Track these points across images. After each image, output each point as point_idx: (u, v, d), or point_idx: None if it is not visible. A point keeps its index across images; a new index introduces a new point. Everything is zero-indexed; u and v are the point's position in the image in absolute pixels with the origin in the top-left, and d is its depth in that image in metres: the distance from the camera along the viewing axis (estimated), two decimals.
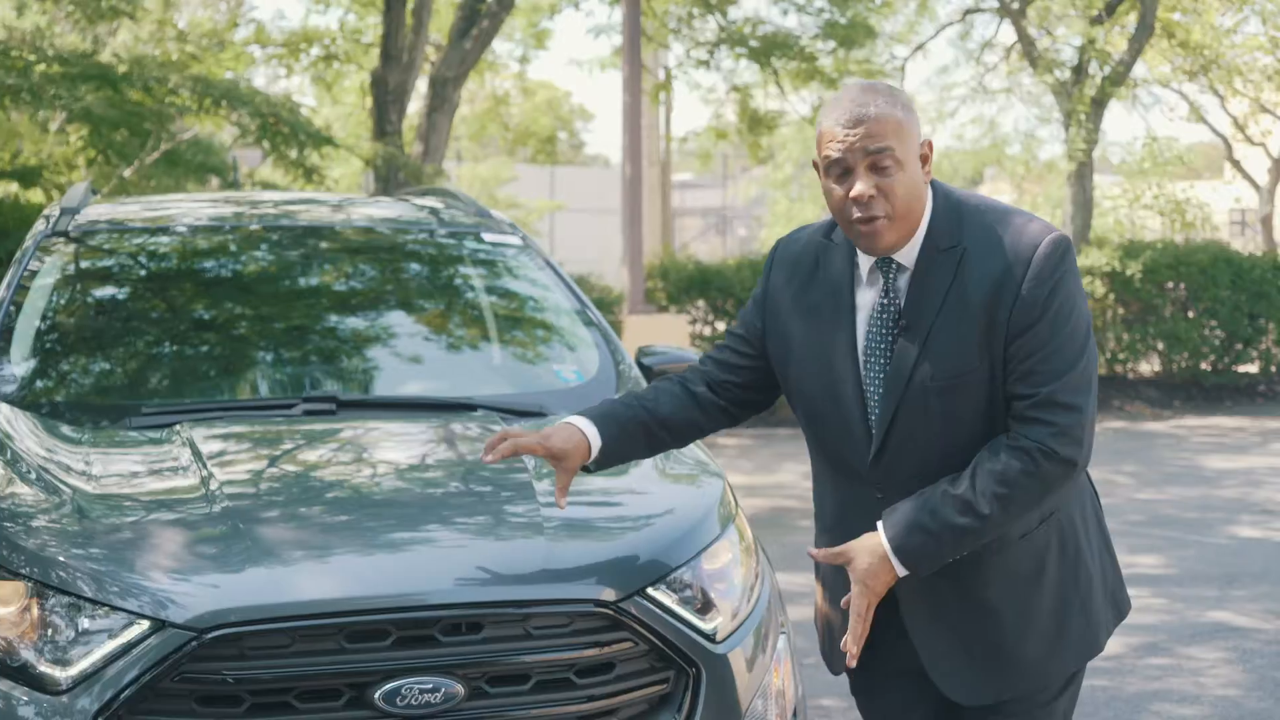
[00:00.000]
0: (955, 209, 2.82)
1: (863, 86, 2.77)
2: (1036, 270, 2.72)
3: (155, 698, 2.93)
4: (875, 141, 2.69)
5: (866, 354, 2.84)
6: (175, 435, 3.71)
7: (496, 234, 4.96)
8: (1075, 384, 2.73)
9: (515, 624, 3.07)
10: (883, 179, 2.71)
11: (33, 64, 10.08)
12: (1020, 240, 2.75)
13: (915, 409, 2.78)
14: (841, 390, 2.85)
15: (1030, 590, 2.87)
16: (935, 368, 2.76)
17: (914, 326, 2.78)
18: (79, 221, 4.76)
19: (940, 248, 2.78)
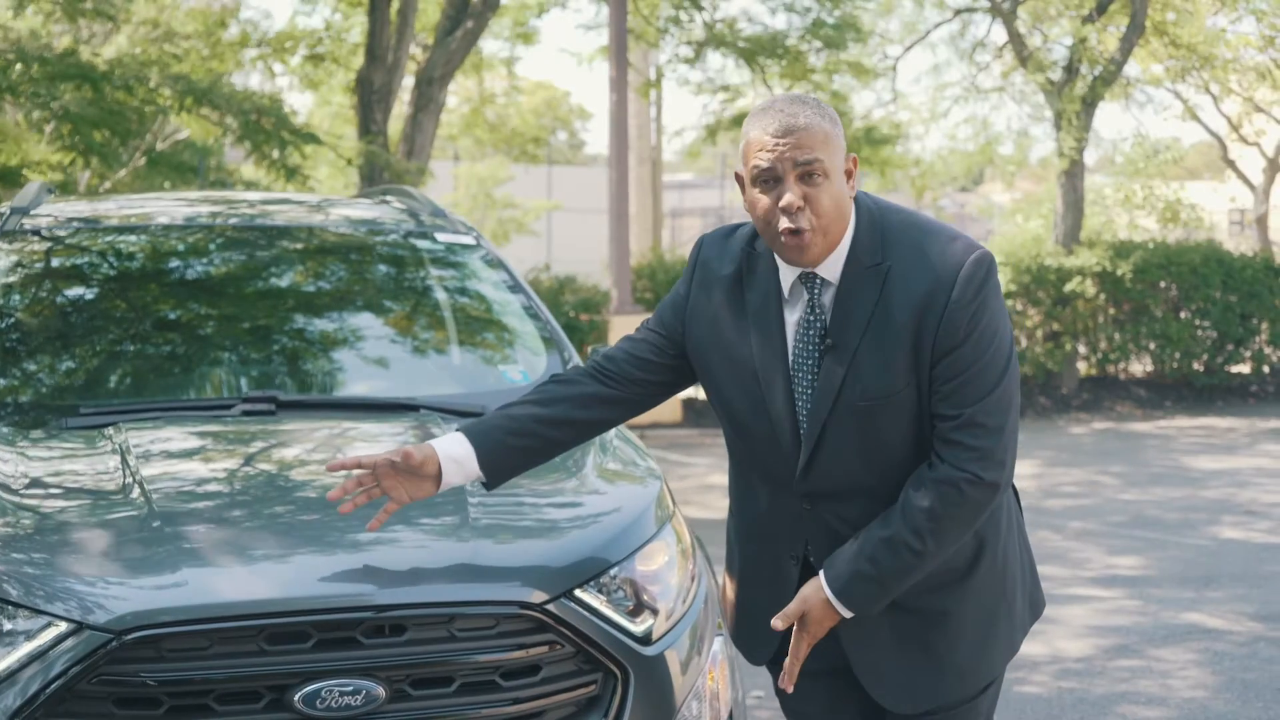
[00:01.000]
0: (879, 225, 2.80)
1: (791, 98, 2.77)
2: (960, 291, 2.72)
3: (73, 699, 2.90)
4: (805, 152, 2.69)
5: (794, 370, 2.82)
6: (107, 436, 3.69)
7: (450, 234, 4.93)
8: (997, 405, 2.74)
9: (439, 626, 3.04)
10: (810, 189, 2.70)
11: (12, 63, 10.06)
12: (945, 260, 2.74)
13: (843, 426, 2.78)
14: (772, 403, 2.84)
15: (959, 594, 2.88)
16: (863, 387, 2.76)
17: (840, 345, 2.77)
18: (30, 220, 4.73)
19: (865, 264, 2.77)
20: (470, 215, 31.28)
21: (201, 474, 3.58)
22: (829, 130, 2.72)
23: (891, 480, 2.79)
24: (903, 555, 2.73)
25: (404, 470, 2.94)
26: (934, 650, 2.87)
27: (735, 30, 15.34)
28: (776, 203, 2.70)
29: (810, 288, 2.80)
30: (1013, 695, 5.82)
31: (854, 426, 2.77)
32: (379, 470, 2.94)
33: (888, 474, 2.79)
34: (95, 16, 11.17)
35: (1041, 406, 16.05)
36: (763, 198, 2.72)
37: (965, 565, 2.87)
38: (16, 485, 3.45)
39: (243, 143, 11.15)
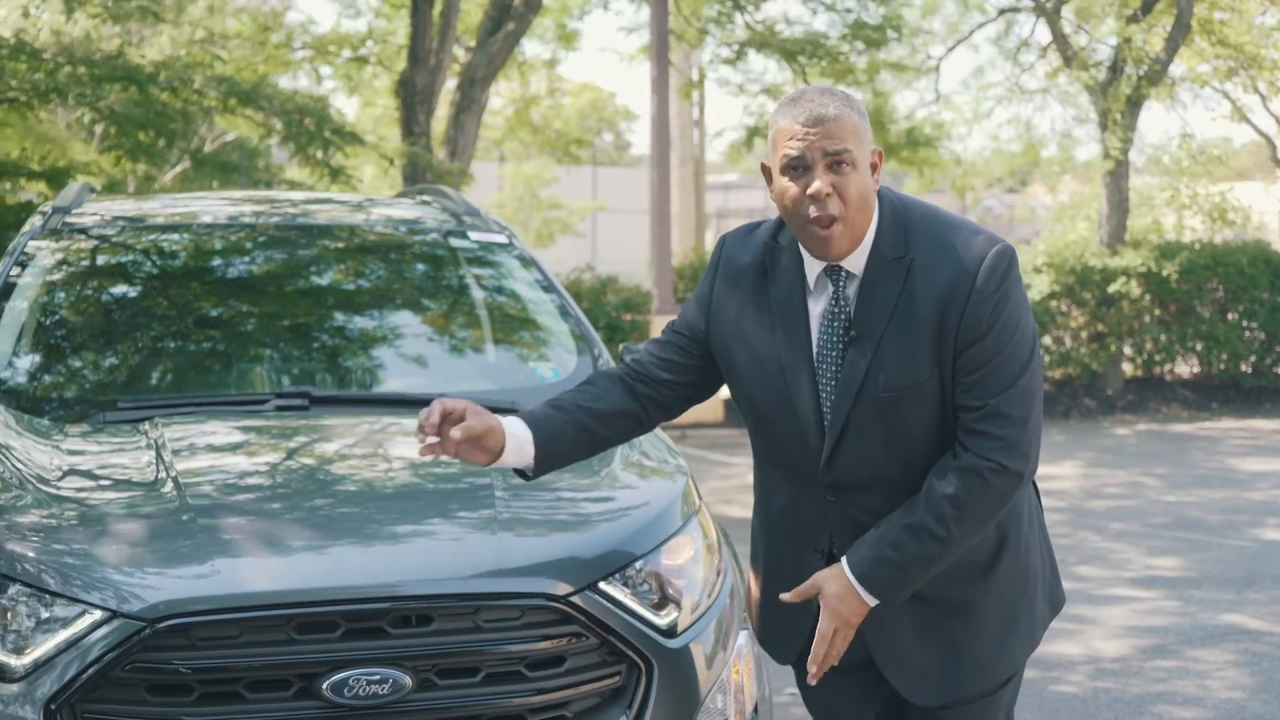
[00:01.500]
0: (902, 219, 2.83)
1: (821, 90, 2.80)
2: (983, 283, 2.74)
3: (107, 686, 2.97)
4: (834, 142, 2.71)
5: (818, 362, 2.85)
6: (144, 430, 3.76)
7: (483, 233, 4.99)
8: (1020, 396, 2.76)
9: (465, 617, 3.09)
10: (838, 178, 2.73)
11: (60, 65, 10.20)
12: (967, 252, 2.77)
13: (866, 417, 2.80)
14: (797, 395, 2.86)
15: (981, 587, 2.90)
16: (886, 378, 2.78)
17: (864, 336, 2.80)
18: (70, 220, 4.82)
19: (888, 257, 2.80)
20: (515, 216, 31.44)
21: (234, 467, 3.65)
22: (857, 122, 2.75)
23: (915, 471, 2.81)
24: (926, 542, 2.74)
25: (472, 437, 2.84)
26: (956, 642, 2.89)
27: (775, 31, 15.36)
28: (805, 191, 2.73)
29: (835, 280, 2.83)
30: (1048, 695, 5.82)
31: (877, 417, 2.79)
32: (448, 418, 2.81)
33: (911, 465, 2.81)
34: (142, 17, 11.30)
35: (1086, 408, 15.97)
36: (791, 186, 2.75)
37: (988, 558, 2.89)
38: (53, 477, 3.53)
39: (287, 143, 11.27)
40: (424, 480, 3.61)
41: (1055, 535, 9.16)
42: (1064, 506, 10.27)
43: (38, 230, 4.73)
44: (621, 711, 3.20)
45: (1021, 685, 5.79)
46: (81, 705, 2.96)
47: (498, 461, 2.87)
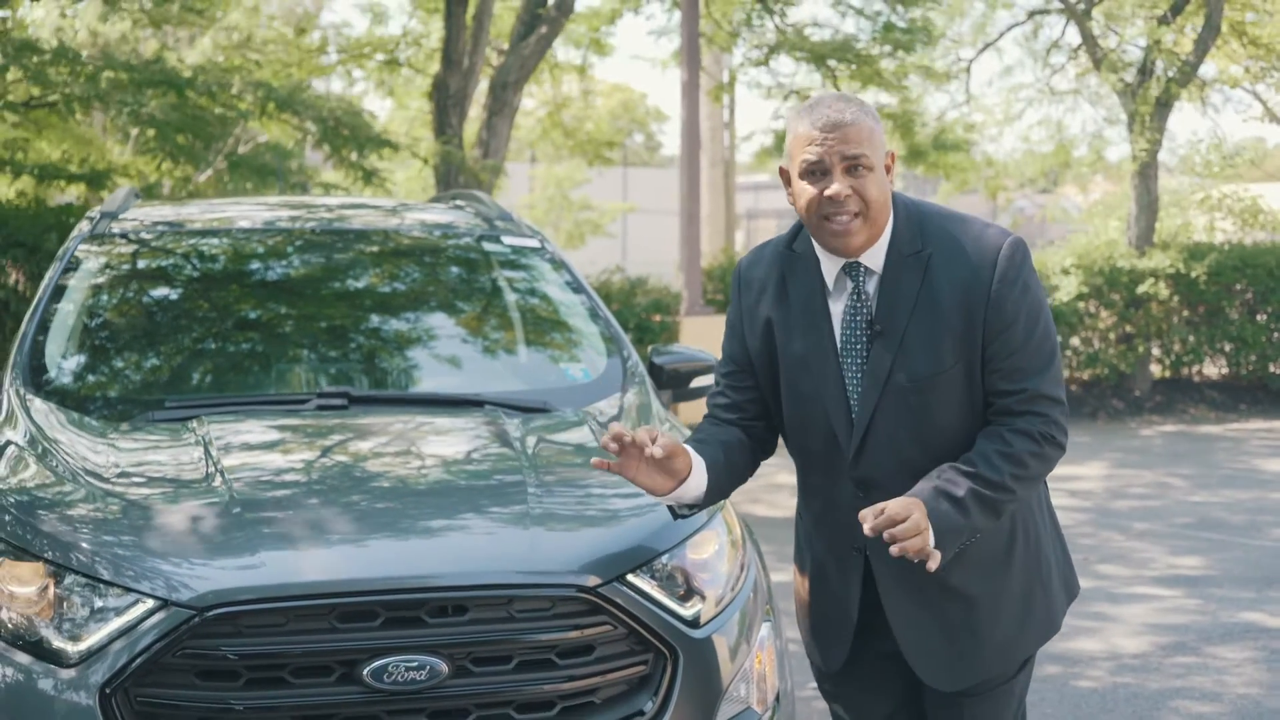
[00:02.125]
0: (916, 216, 2.97)
1: (837, 96, 2.94)
2: (1002, 273, 2.88)
3: (159, 671, 3.12)
4: (852, 147, 2.85)
5: (842, 358, 2.97)
6: (191, 429, 3.92)
7: (516, 236, 5.13)
8: (1056, 377, 2.92)
9: (499, 607, 3.24)
10: (856, 180, 2.86)
11: (100, 70, 10.39)
12: (982, 245, 2.91)
13: (893, 409, 2.93)
14: (824, 391, 2.98)
15: (999, 575, 3.02)
16: (911, 369, 2.90)
17: (888, 330, 2.92)
18: (118, 224, 4.99)
19: (905, 253, 2.93)
20: (546, 217, 31.57)
21: (278, 464, 3.80)
22: (873, 126, 2.88)
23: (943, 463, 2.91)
24: (983, 484, 2.81)
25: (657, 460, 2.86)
26: (977, 630, 3.01)
27: (804, 35, 15.45)
28: (823, 193, 2.86)
29: (855, 277, 2.96)
30: (1068, 690, 5.92)
31: (904, 408, 2.91)
32: (629, 447, 2.85)
33: (939, 457, 2.92)
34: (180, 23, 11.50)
35: (1114, 409, 16.01)
36: (810, 189, 2.88)
37: (1004, 547, 3.01)
38: (107, 474, 3.69)
39: (322, 146, 11.44)
40: (458, 476, 3.76)
41: (1079, 535, 9.25)
42: (1088, 506, 10.35)
43: (85, 235, 4.90)
44: (648, 698, 3.33)
45: (1044, 681, 5.96)
46: (135, 690, 3.12)
47: (679, 489, 2.91)
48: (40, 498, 3.55)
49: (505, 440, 3.93)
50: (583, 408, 4.29)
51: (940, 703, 3.11)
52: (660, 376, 4.77)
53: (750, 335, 3.10)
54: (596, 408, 4.32)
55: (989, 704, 3.08)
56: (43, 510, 3.47)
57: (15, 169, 11.20)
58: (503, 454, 3.87)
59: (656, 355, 4.83)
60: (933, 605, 2.99)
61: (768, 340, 3.07)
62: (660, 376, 4.77)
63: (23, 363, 4.33)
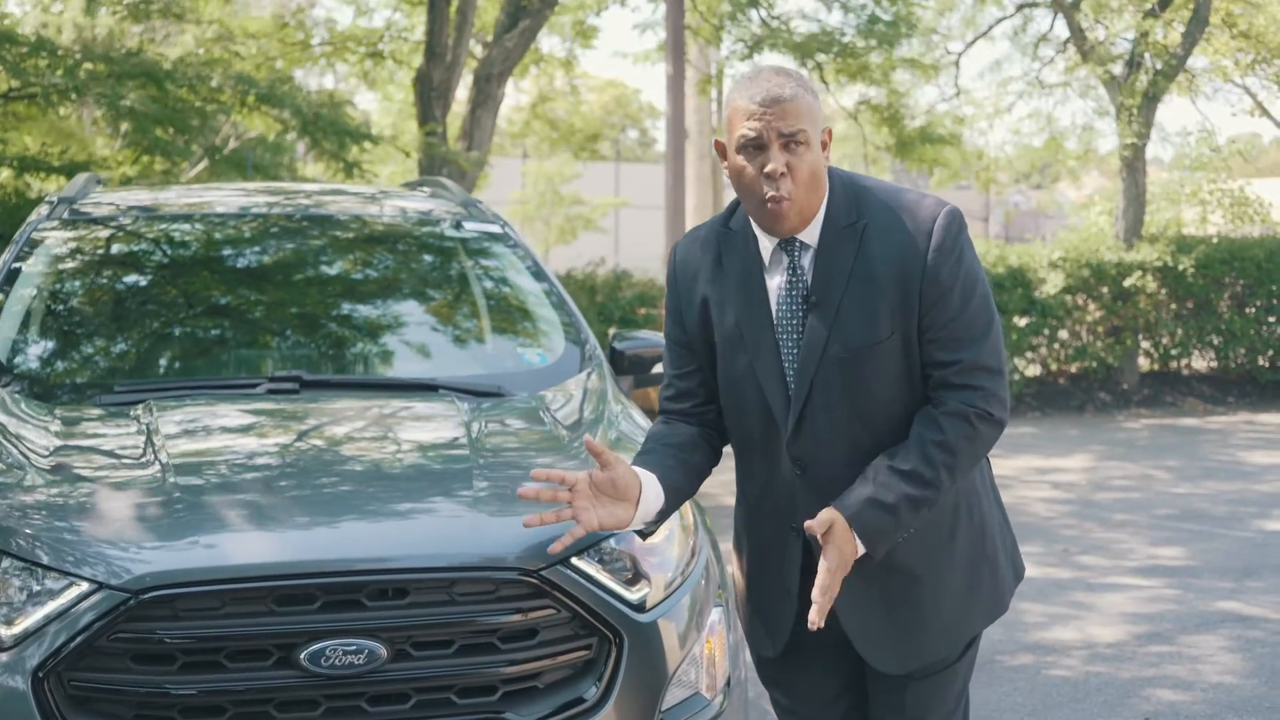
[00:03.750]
0: (851, 189, 2.93)
1: (776, 69, 2.88)
2: (938, 242, 2.84)
3: (93, 655, 3.08)
4: (789, 123, 2.80)
5: (779, 333, 2.93)
6: (137, 412, 3.88)
7: (479, 223, 5.10)
8: (993, 349, 2.86)
9: (440, 590, 3.20)
10: (792, 157, 2.82)
11: (80, 63, 10.34)
12: (917, 215, 2.87)
13: (830, 382, 2.87)
14: (761, 368, 2.94)
15: (943, 553, 2.97)
16: (846, 340, 2.85)
17: (824, 302, 2.88)
18: (76, 210, 4.95)
19: (841, 224, 2.89)
20: (537, 212, 31.51)
21: (222, 447, 3.76)
22: (811, 102, 2.83)
23: (882, 439, 2.88)
24: (915, 485, 2.79)
25: (606, 491, 2.80)
26: (922, 610, 2.96)
27: (790, 28, 15.40)
28: (761, 169, 2.82)
29: (790, 252, 2.92)
30: (1039, 679, 5.89)
31: (840, 382, 2.86)
32: (577, 489, 2.77)
33: (877, 432, 2.88)
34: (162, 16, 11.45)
35: (1101, 402, 15.98)
36: (748, 165, 2.84)
37: (948, 527, 2.97)
38: (48, 457, 3.65)
39: (304, 138, 11.39)
40: (404, 460, 3.72)
41: (1060, 526, 9.22)
42: (1071, 499, 10.32)
43: (42, 220, 4.86)
44: (592, 683, 3.29)
45: (1015, 670, 5.92)
46: (68, 674, 3.08)
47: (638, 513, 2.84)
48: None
49: (454, 424, 3.89)
50: (538, 392, 4.25)
51: (884, 686, 3.07)
52: (621, 362, 4.73)
53: (688, 316, 3.06)
54: (551, 392, 4.29)
55: (933, 686, 3.04)
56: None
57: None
58: (451, 437, 3.83)
59: (618, 341, 4.79)
60: (876, 586, 2.95)
61: (705, 319, 3.03)
62: (621, 362, 4.73)
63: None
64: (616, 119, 44.48)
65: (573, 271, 14.24)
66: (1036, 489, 10.75)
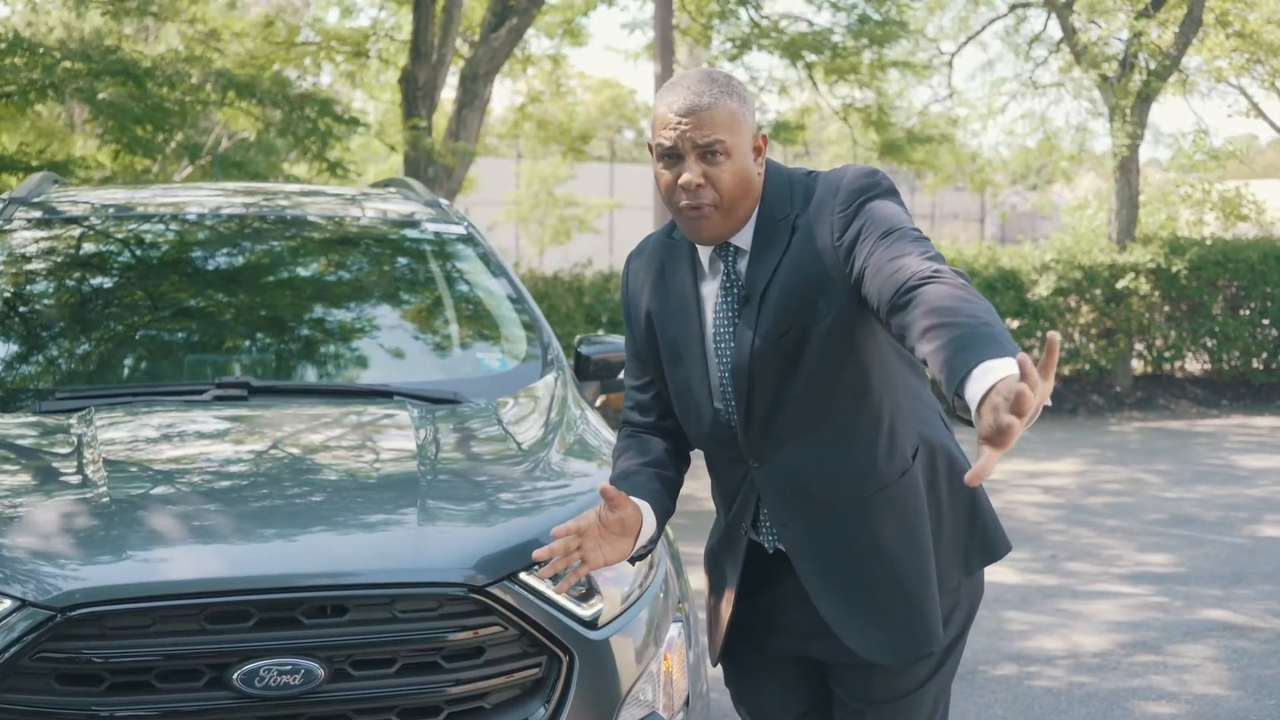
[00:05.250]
0: (786, 184, 2.80)
1: (700, 75, 2.74)
2: (845, 196, 2.68)
3: (16, 675, 2.93)
4: (705, 134, 2.67)
5: (715, 340, 2.82)
6: (75, 420, 3.74)
7: (441, 224, 4.96)
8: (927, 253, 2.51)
9: (381, 607, 3.06)
10: (711, 168, 2.69)
11: (58, 61, 10.22)
12: (831, 184, 2.73)
13: (764, 368, 2.74)
14: (695, 376, 2.84)
15: (912, 526, 2.81)
16: (773, 322, 2.71)
17: (752, 295, 2.76)
18: (27, 210, 4.81)
19: (776, 218, 2.76)
20: (531, 213, 31.39)
21: (161, 457, 3.62)
22: (734, 109, 2.69)
23: (835, 422, 2.74)
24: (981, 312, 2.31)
25: (614, 531, 2.71)
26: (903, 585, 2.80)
27: (780, 29, 15.26)
28: (676, 180, 2.70)
29: (725, 258, 2.80)
30: (1021, 690, 5.77)
31: (775, 365, 2.73)
32: (588, 531, 2.68)
33: (827, 414, 2.74)
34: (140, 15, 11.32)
35: (1094, 404, 15.86)
36: (665, 174, 2.72)
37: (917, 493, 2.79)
38: None
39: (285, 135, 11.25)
40: (349, 470, 3.58)
41: (1049, 531, 9.10)
42: (1060, 503, 10.20)
43: None
44: (541, 704, 3.16)
45: (997, 680, 5.80)
46: None
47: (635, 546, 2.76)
48: None
49: (403, 432, 3.75)
50: (496, 398, 4.12)
51: (846, 710, 2.95)
52: (587, 367, 4.59)
53: (636, 328, 2.97)
54: (510, 398, 4.15)
55: (894, 711, 2.92)
56: None
57: None
58: (399, 447, 3.69)
59: (584, 345, 4.65)
60: (848, 570, 2.80)
61: (650, 332, 2.93)
62: (587, 367, 4.59)
63: None
64: (612, 119, 44.35)
65: (560, 273, 14.12)
66: (1026, 493, 10.63)
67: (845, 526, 2.80)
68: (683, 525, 4.91)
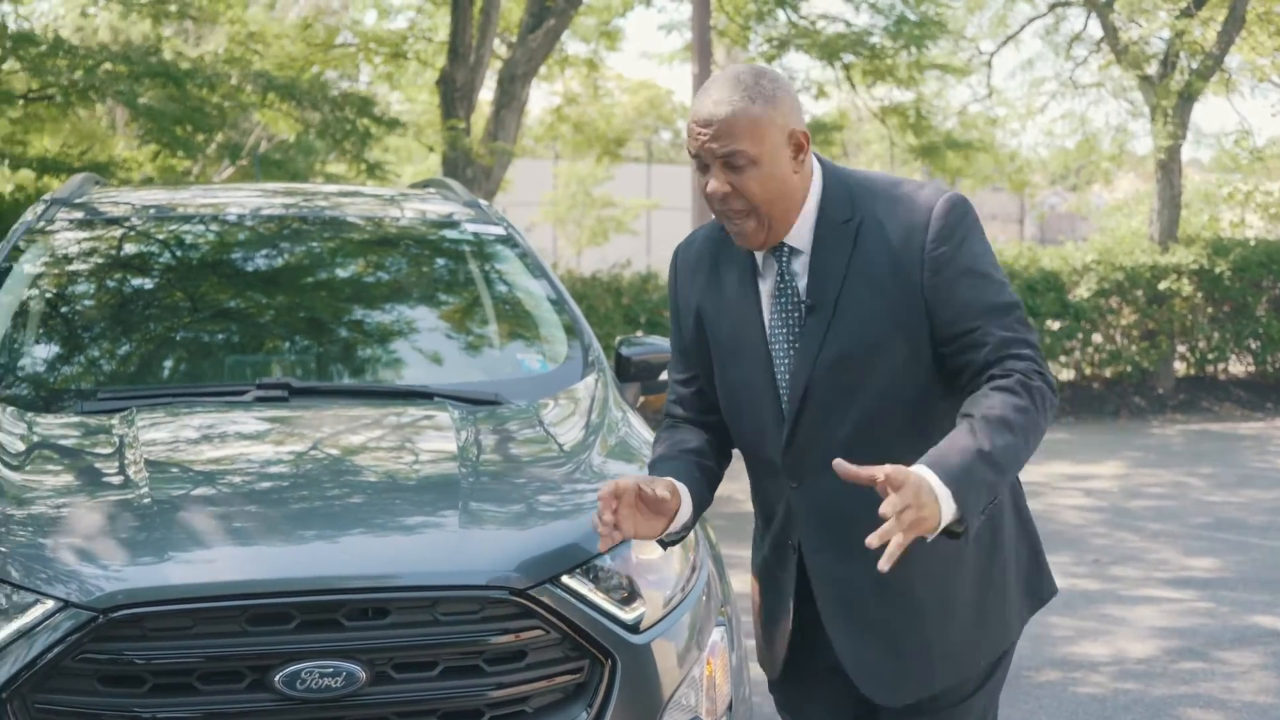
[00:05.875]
0: (845, 185, 2.75)
1: (727, 79, 2.67)
2: (936, 231, 2.65)
3: (59, 676, 2.94)
4: (724, 144, 2.61)
5: (771, 340, 2.77)
6: (117, 421, 3.73)
7: (481, 224, 4.94)
8: (1023, 322, 2.62)
9: (423, 609, 3.04)
10: (735, 176, 2.63)
11: (99, 63, 10.27)
12: (914, 205, 2.68)
13: (825, 390, 2.70)
14: (755, 378, 2.79)
15: (949, 579, 2.78)
16: (844, 343, 2.67)
17: (820, 305, 2.70)
18: (69, 211, 4.81)
19: (836, 222, 2.71)
20: (568, 214, 31.39)
21: (202, 458, 3.61)
22: (757, 115, 2.61)
23: (881, 451, 2.61)
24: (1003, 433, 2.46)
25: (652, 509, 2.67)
26: (924, 635, 2.78)
27: (818, 30, 15.20)
28: (705, 189, 2.67)
29: (779, 258, 2.76)
30: (1066, 696, 5.70)
31: (836, 389, 2.68)
32: (624, 497, 2.62)
33: (877, 443, 2.67)
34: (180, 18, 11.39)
35: (1136, 407, 15.73)
36: (700, 178, 2.69)
37: (955, 547, 2.78)
38: (22, 468, 3.51)
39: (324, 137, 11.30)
40: (390, 472, 3.56)
41: (1092, 535, 9.02)
42: (1103, 506, 10.11)
43: (33, 222, 4.72)
44: (583, 708, 3.13)
45: (1041, 687, 5.73)
46: (33, 695, 2.93)
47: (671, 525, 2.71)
48: None
49: (444, 434, 3.73)
50: (537, 400, 4.09)
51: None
52: (628, 369, 4.56)
53: (685, 322, 2.91)
54: (550, 399, 4.12)
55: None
56: None
57: (14, 163, 11.10)
58: (440, 449, 3.67)
59: (624, 346, 4.62)
60: (873, 614, 2.77)
61: (700, 327, 2.87)
62: (628, 369, 4.56)
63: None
64: (649, 120, 44.31)
65: (598, 273, 14.10)
66: (1068, 496, 10.54)
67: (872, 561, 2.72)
68: (723, 528, 4.88)
